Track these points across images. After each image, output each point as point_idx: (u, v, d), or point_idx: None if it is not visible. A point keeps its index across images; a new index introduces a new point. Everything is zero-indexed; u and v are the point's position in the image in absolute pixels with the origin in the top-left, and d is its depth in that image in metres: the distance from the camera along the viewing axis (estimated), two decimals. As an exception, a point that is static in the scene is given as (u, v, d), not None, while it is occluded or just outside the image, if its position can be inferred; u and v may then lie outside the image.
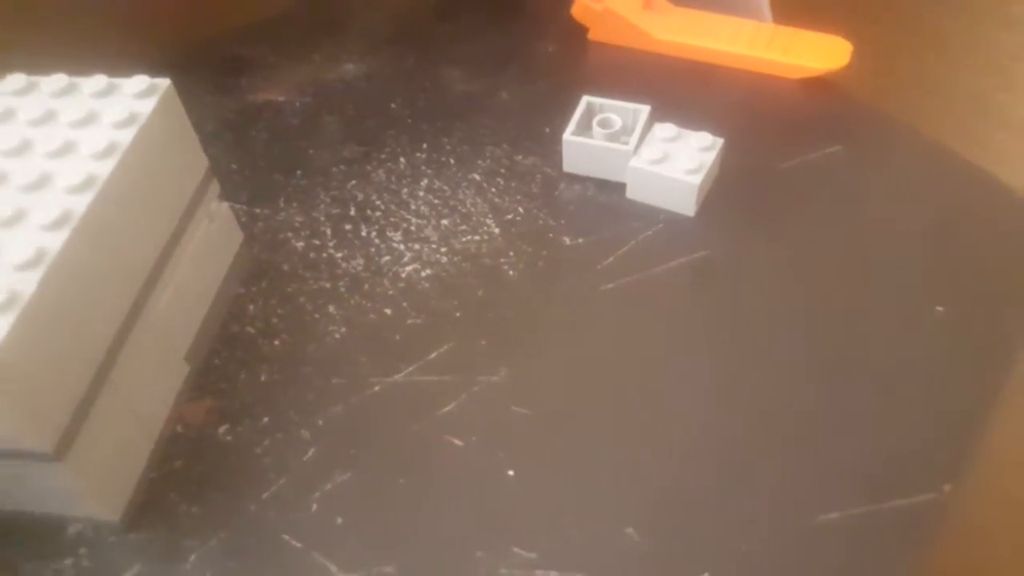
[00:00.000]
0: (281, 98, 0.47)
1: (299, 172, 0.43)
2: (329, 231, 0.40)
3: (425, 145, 0.44)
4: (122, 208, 0.28)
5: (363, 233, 0.40)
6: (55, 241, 0.25)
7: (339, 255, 0.39)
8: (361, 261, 0.38)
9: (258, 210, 0.41)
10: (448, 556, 0.28)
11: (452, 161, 0.43)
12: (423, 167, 0.43)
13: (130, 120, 0.29)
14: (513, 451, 0.31)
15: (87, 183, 0.26)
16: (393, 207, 0.41)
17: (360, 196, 0.41)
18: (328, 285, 0.37)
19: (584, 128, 0.40)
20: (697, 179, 0.37)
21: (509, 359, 0.33)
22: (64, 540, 0.29)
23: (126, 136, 0.28)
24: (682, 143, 0.39)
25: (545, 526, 0.28)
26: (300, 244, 0.39)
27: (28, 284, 0.24)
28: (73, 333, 0.26)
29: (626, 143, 0.39)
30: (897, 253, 0.37)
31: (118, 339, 0.28)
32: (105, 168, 0.27)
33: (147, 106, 0.30)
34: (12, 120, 0.29)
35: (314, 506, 0.30)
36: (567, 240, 0.38)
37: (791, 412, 0.31)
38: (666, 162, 0.38)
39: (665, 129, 0.39)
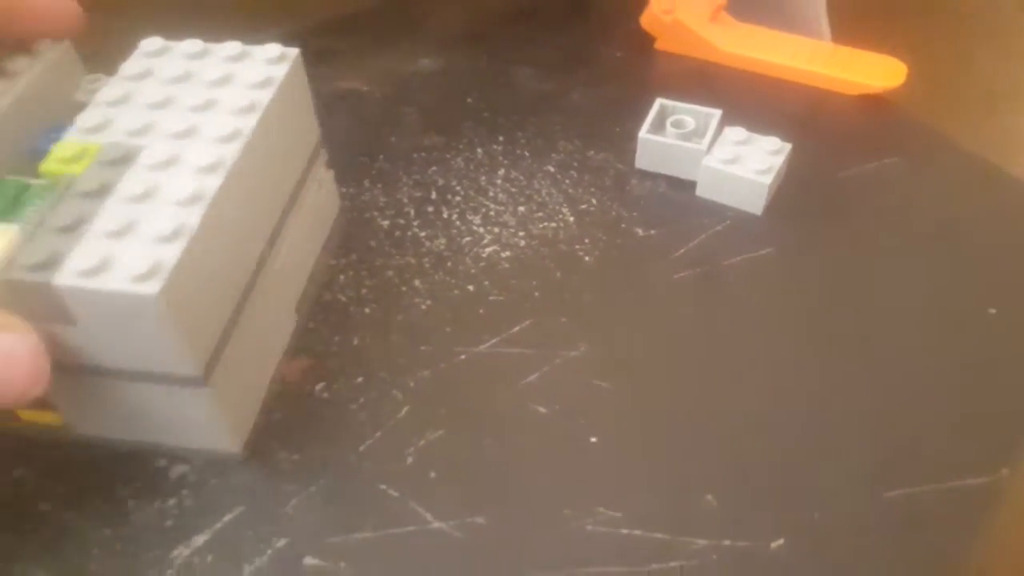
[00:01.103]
0: (363, 88, 0.50)
1: (382, 156, 0.45)
2: (412, 212, 0.42)
3: (501, 138, 0.46)
4: (262, 160, 0.30)
5: (444, 215, 0.42)
6: (212, 183, 0.27)
7: (422, 234, 0.41)
8: (443, 241, 0.40)
9: (344, 189, 0.43)
10: (536, 511, 0.30)
11: (527, 153, 0.45)
12: (500, 157, 0.45)
13: (266, 82, 0.31)
14: (595, 420, 0.33)
15: (234, 135, 0.29)
16: (472, 193, 0.43)
17: (440, 181, 0.44)
18: (413, 261, 0.39)
19: (658, 128, 0.42)
20: (768, 179, 0.39)
21: (588, 336, 0.36)
22: (168, 481, 0.31)
23: (264, 96, 0.31)
24: (752, 146, 0.41)
25: (628, 489, 0.30)
26: (385, 223, 0.41)
27: (192, 218, 0.26)
28: (223, 269, 0.28)
29: (698, 143, 0.41)
30: (951, 257, 0.39)
31: (249, 284, 0.30)
32: (248, 122, 0.29)
33: (280, 71, 0.32)
34: (151, 78, 0.32)
35: (409, 459, 0.32)
36: (640, 231, 0.40)
37: (853, 396, 0.33)
38: (738, 163, 0.40)
39: (736, 132, 0.42)
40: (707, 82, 0.48)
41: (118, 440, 0.31)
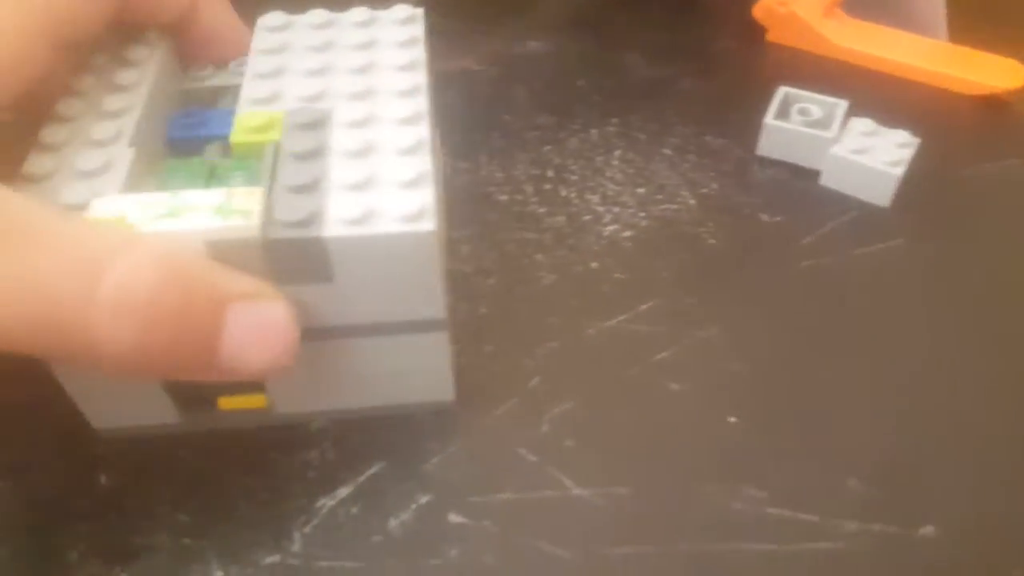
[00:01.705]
0: (474, 67, 0.50)
1: (496, 134, 0.45)
2: (530, 189, 0.42)
3: (614, 120, 0.46)
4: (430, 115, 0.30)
5: (562, 193, 0.42)
6: (423, 132, 0.28)
7: (541, 210, 0.41)
8: (563, 218, 0.40)
9: (461, 164, 0.43)
10: (679, 486, 0.30)
11: (642, 136, 0.45)
12: (614, 139, 0.45)
13: (413, 40, 0.32)
14: (732, 400, 0.32)
15: (414, 89, 0.29)
16: (589, 173, 0.43)
17: (556, 160, 0.44)
18: (534, 236, 0.39)
19: (782, 115, 0.42)
20: (899, 171, 0.39)
21: (719, 318, 0.35)
22: (308, 434, 0.31)
23: (418, 53, 0.31)
24: (880, 138, 0.41)
25: (772, 469, 0.30)
26: (503, 198, 0.41)
27: (423, 164, 0.27)
28: (440, 216, 0.28)
29: (825, 132, 0.41)
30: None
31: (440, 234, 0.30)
32: (419, 78, 0.30)
33: (418, 30, 0.32)
34: (291, 50, 0.32)
35: (544, 427, 0.31)
36: (764, 217, 0.40)
37: (997, 387, 0.33)
38: (866, 153, 0.40)
39: (863, 123, 0.41)
40: (824, 75, 0.48)
41: (319, 413, 0.31)
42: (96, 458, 0.30)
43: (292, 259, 0.25)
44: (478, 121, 0.46)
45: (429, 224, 0.25)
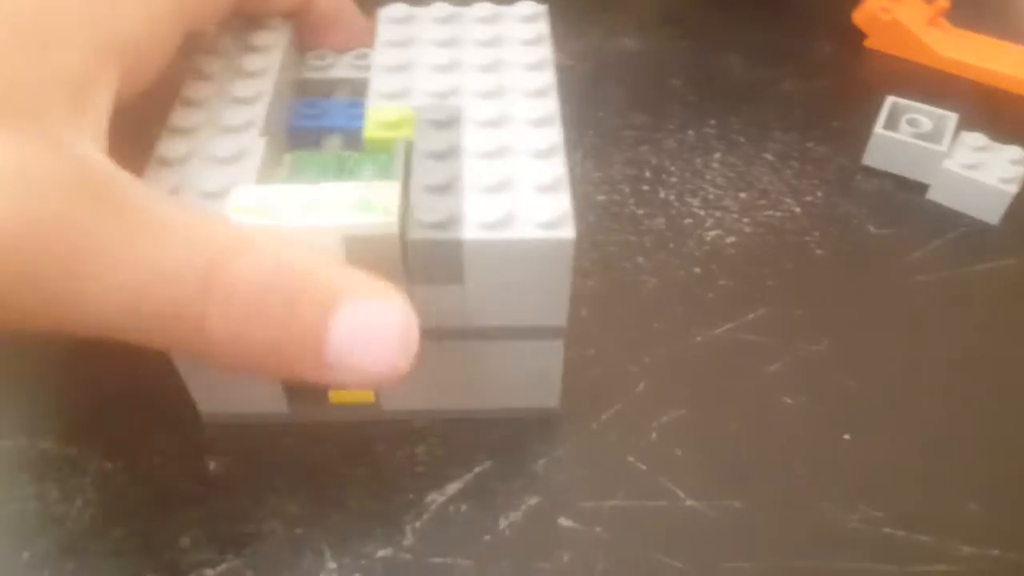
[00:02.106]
0: (567, 62, 0.49)
1: (591, 132, 0.45)
2: (628, 189, 0.41)
3: (713, 122, 0.45)
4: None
5: (661, 195, 0.41)
6: (554, 134, 0.27)
7: (640, 212, 0.40)
8: (663, 220, 0.40)
9: (557, 160, 0.43)
10: (794, 501, 0.29)
11: (742, 139, 0.44)
12: (713, 141, 0.44)
13: (539, 39, 0.31)
14: (846, 416, 0.32)
15: (545, 89, 0.29)
16: (688, 175, 0.42)
17: (654, 160, 0.43)
18: (634, 239, 0.39)
19: (891, 125, 0.41)
20: (1013, 188, 0.38)
21: (830, 331, 0.35)
22: (413, 430, 0.31)
23: (546, 51, 0.31)
24: (993, 153, 0.40)
25: (888, 488, 0.29)
26: (601, 198, 0.41)
27: (559, 168, 0.26)
28: None
29: (936, 145, 0.40)
30: None
31: None
32: (548, 77, 0.30)
33: (543, 28, 0.32)
34: (417, 44, 0.31)
35: (653, 435, 0.31)
36: (872, 228, 0.39)
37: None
38: (979, 169, 0.39)
39: (975, 138, 0.40)
40: (928, 86, 0.47)
41: (420, 414, 0.31)
42: (204, 444, 0.30)
43: (427, 259, 0.25)
44: (572, 118, 0.45)
45: (569, 231, 0.25)
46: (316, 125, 0.31)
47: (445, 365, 0.29)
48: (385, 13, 0.33)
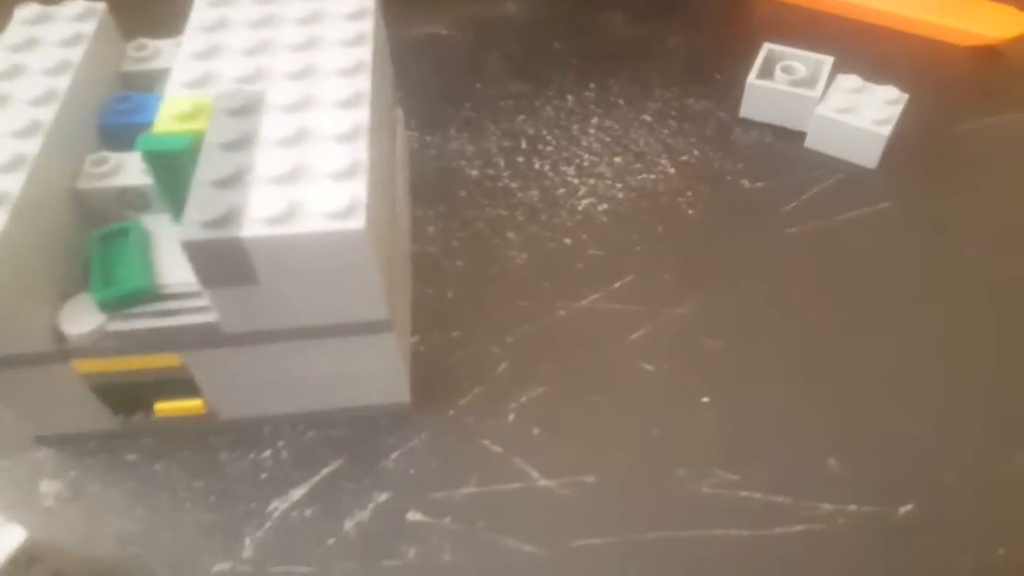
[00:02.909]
0: (444, 31, 0.48)
1: (467, 104, 0.43)
2: (502, 162, 0.40)
3: (592, 85, 0.44)
4: (379, 94, 0.28)
5: (536, 166, 0.40)
6: (361, 115, 0.26)
7: (514, 185, 0.39)
8: (536, 192, 0.39)
9: (429, 138, 0.41)
10: (649, 471, 0.28)
11: (621, 101, 0.43)
12: (592, 106, 0.43)
13: (361, 12, 0.30)
14: (706, 379, 0.31)
15: (357, 67, 0.28)
16: (564, 142, 0.41)
17: (530, 130, 0.42)
18: (505, 213, 0.38)
19: (766, 74, 0.40)
20: (887, 130, 0.37)
21: (695, 292, 0.34)
22: (261, 433, 0.30)
23: (367, 26, 0.29)
24: (868, 95, 0.38)
25: (744, 450, 0.29)
26: (474, 172, 0.40)
27: (360, 152, 0.25)
28: (383, 207, 0.27)
29: (811, 91, 0.39)
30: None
31: (389, 224, 0.29)
32: (365, 53, 0.28)
33: (369, 1, 0.30)
34: (229, 27, 0.30)
35: (511, 416, 0.30)
36: (746, 183, 0.38)
37: (979, 355, 0.31)
38: (853, 112, 0.38)
39: (850, 80, 0.39)
40: (811, 29, 0.45)
41: (261, 418, 0.30)
42: (37, 465, 0.29)
43: (210, 260, 0.23)
44: (448, 91, 0.44)
45: (358, 221, 0.23)
46: (128, 121, 0.29)
47: (271, 370, 0.27)
48: None
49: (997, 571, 0.26)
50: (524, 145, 0.41)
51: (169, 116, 0.26)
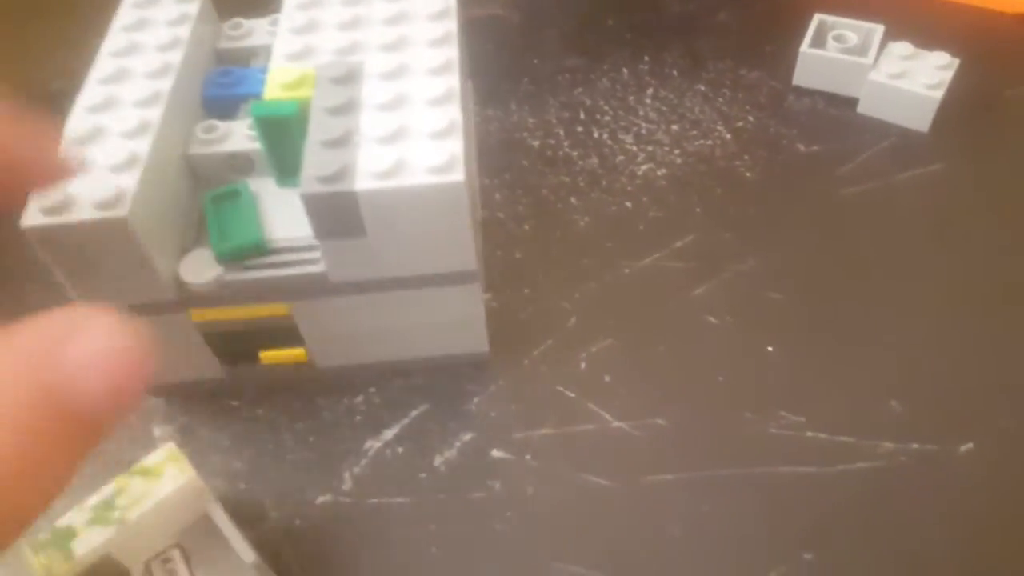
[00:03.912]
0: (500, 12, 0.50)
1: (526, 79, 0.45)
2: (562, 132, 0.42)
3: (647, 58, 0.46)
4: (461, 64, 0.30)
5: (595, 135, 0.42)
6: (452, 81, 0.28)
7: (574, 153, 0.41)
8: (596, 160, 0.40)
9: (491, 112, 0.43)
10: (717, 414, 0.30)
11: (675, 73, 0.44)
12: (647, 77, 0.44)
13: (445, 12, 0.31)
14: (770, 330, 0.32)
15: (445, 37, 0.30)
16: (622, 112, 0.43)
17: (588, 102, 0.43)
18: (567, 179, 0.39)
19: (818, 43, 0.41)
20: (939, 94, 0.38)
21: (756, 250, 0.35)
22: (355, 382, 0.32)
23: (453, 24, 0.31)
24: (919, 61, 0.40)
25: (810, 395, 0.30)
26: (536, 143, 0.41)
27: (453, 113, 0.27)
28: (470, 165, 0.28)
29: (863, 58, 0.40)
30: None
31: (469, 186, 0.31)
32: (449, 25, 0.30)
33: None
34: (321, 5, 0.32)
35: (582, 364, 0.32)
36: (802, 147, 0.39)
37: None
38: (905, 77, 0.39)
39: (901, 47, 0.40)
40: (860, 1, 0.46)
41: (359, 366, 0.32)
42: (148, 413, 0.32)
43: (326, 213, 0.25)
44: (507, 68, 0.46)
45: (458, 175, 0.25)
46: (229, 93, 0.32)
47: (369, 319, 0.30)
48: None
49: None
50: (582, 116, 0.43)
51: (277, 85, 0.28)
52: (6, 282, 0.36)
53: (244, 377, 0.31)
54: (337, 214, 0.26)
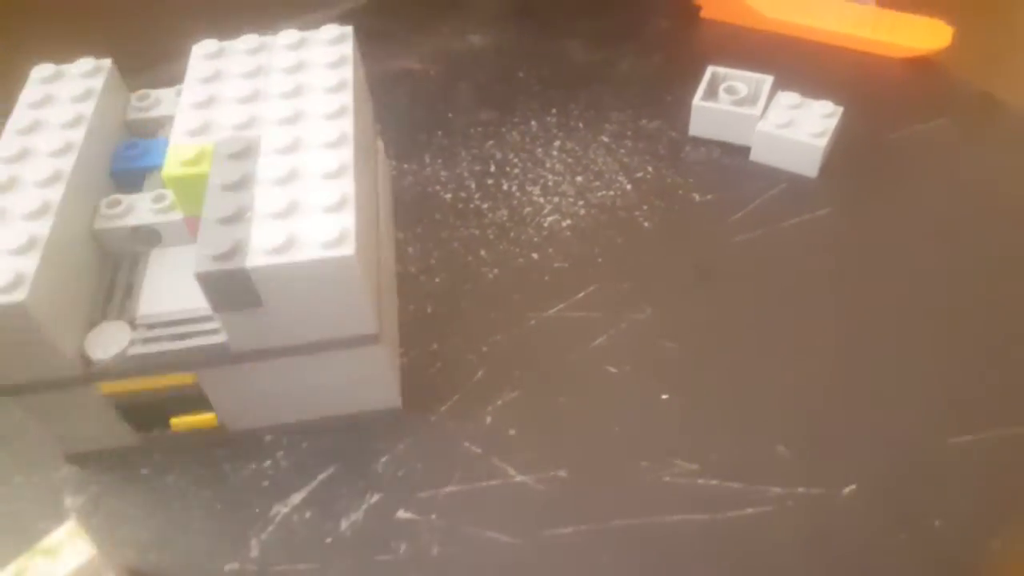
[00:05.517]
0: (416, 66, 0.51)
1: (440, 132, 0.46)
2: (473, 185, 0.43)
3: (554, 110, 0.47)
4: (361, 132, 0.32)
5: (504, 187, 0.43)
6: (345, 154, 0.29)
7: (484, 206, 0.42)
8: (505, 212, 0.42)
9: (406, 165, 0.45)
10: (614, 464, 0.31)
11: (581, 125, 0.46)
12: (554, 130, 0.46)
13: (341, 60, 0.33)
14: (664, 378, 0.34)
15: (341, 111, 0.31)
16: (530, 164, 0.44)
17: (498, 155, 0.45)
18: (477, 232, 0.41)
19: (711, 95, 0.43)
20: (823, 142, 0.40)
21: (652, 299, 0.37)
22: (262, 445, 0.33)
23: (347, 72, 0.32)
24: (805, 110, 0.42)
25: (702, 442, 0.32)
26: (448, 196, 0.43)
27: (347, 187, 0.28)
28: (371, 232, 0.30)
29: (752, 109, 0.42)
30: (1000, 216, 0.39)
31: (376, 247, 0.32)
32: (346, 98, 0.31)
33: (347, 48, 0.34)
34: (223, 78, 0.33)
35: (488, 419, 0.33)
36: (696, 196, 0.41)
37: (913, 349, 0.34)
38: (792, 126, 0.41)
39: (789, 97, 0.42)
40: (755, 49, 0.49)
41: (269, 428, 0.32)
42: (60, 483, 0.32)
43: (221, 289, 0.26)
44: (422, 121, 0.47)
45: (348, 249, 0.26)
46: (136, 165, 0.32)
47: (275, 383, 0.30)
48: (197, 49, 0.35)
49: (932, 542, 0.29)
50: (493, 169, 0.44)
51: (175, 161, 0.29)
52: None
53: (156, 443, 0.32)
54: (232, 289, 0.27)
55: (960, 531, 0.29)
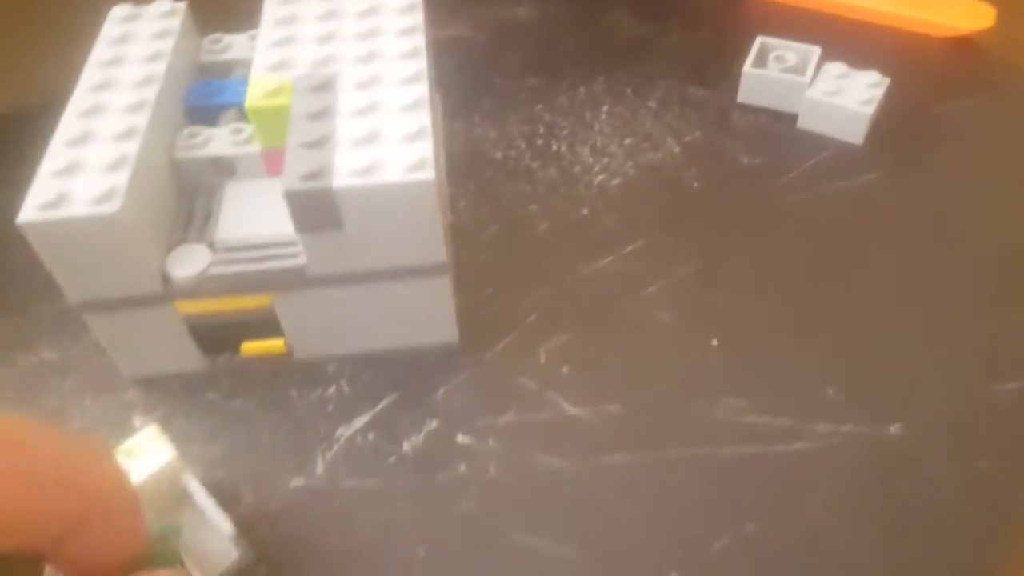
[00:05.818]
0: (465, 34, 0.52)
1: (488, 96, 0.48)
2: (523, 144, 0.44)
3: (601, 77, 0.48)
4: (429, 74, 0.33)
5: (553, 148, 0.44)
6: (421, 90, 0.30)
7: (534, 165, 0.43)
8: (555, 170, 0.43)
9: (456, 125, 0.46)
10: (667, 400, 0.32)
11: (628, 91, 0.47)
12: (602, 95, 0.47)
13: (412, 6, 0.34)
14: (714, 325, 0.35)
15: (414, 51, 0.32)
16: (579, 127, 0.45)
17: (547, 117, 0.46)
18: (528, 188, 0.42)
19: (760, 63, 0.44)
20: (870, 110, 0.41)
21: (702, 253, 0.38)
22: (326, 373, 0.34)
23: (417, 17, 0.33)
24: (852, 79, 0.43)
25: (751, 383, 0.33)
26: (498, 155, 0.44)
27: (423, 119, 0.29)
28: (439, 165, 0.31)
29: (800, 77, 0.43)
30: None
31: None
32: (418, 40, 0.32)
33: None
34: (299, 21, 0.34)
35: (542, 357, 0.34)
36: (745, 160, 0.42)
37: (949, 304, 0.35)
38: (840, 95, 0.42)
39: (836, 67, 0.43)
40: (800, 25, 0.50)
41: (335, 356, 0.34)
42: (128, 404, 0.33)
43: (306, 208, 0.27)
44: (471, 85, 0.49)
45: (428, 173, 0.27)
46: (211, 102, 0.34)
47: (345, 311, 0.32)
48: None
49: (978, 481, 0.30)
50: (542, 130, 0.45)
51: (258, 92, 0.30)
52: (11, 281, 0.37)
53: (222, 370, 0.33)
54: (317, 209, 0.28)
55: (1005, 472, 0.30)
